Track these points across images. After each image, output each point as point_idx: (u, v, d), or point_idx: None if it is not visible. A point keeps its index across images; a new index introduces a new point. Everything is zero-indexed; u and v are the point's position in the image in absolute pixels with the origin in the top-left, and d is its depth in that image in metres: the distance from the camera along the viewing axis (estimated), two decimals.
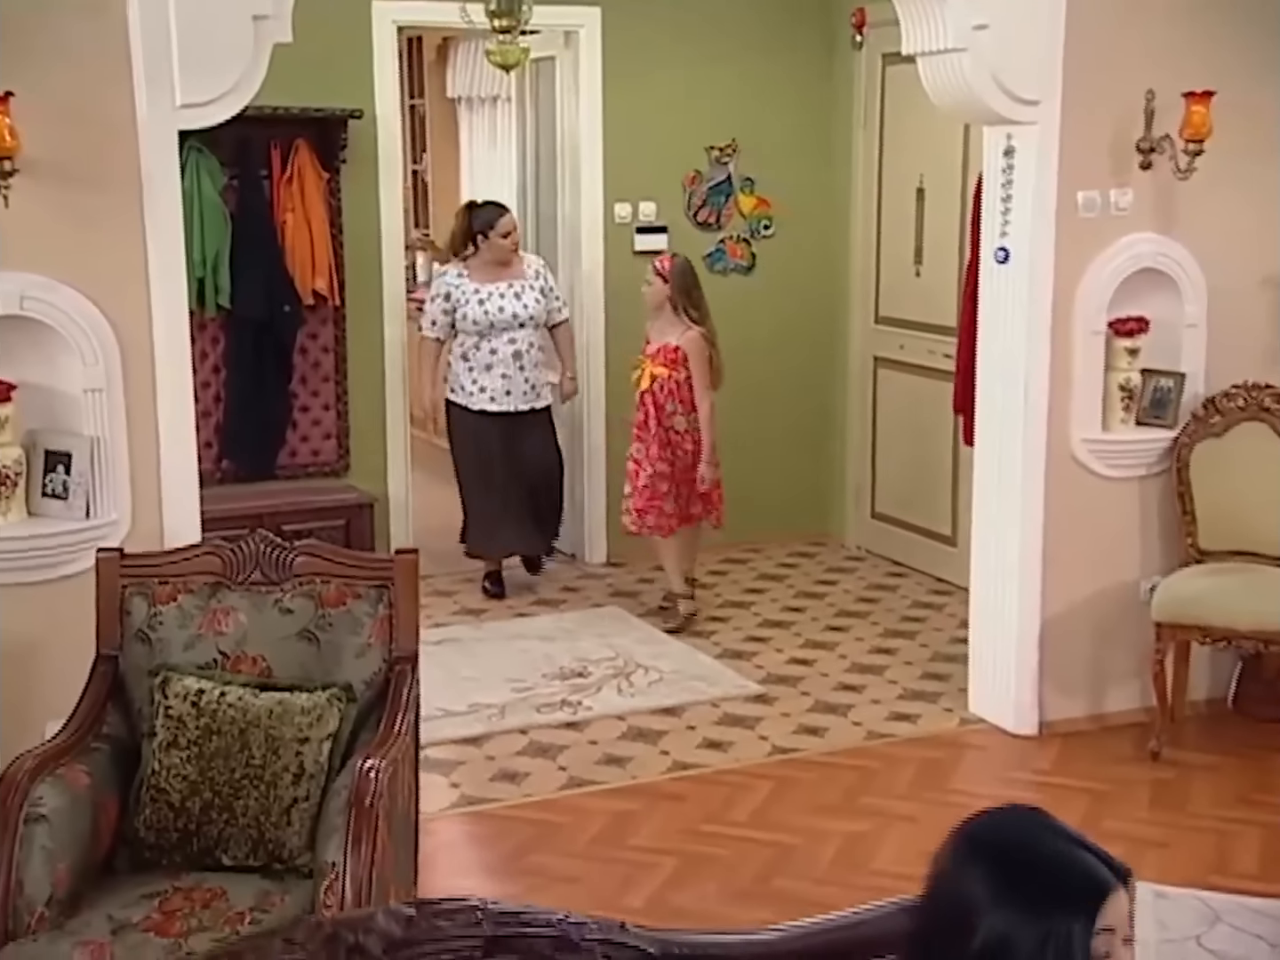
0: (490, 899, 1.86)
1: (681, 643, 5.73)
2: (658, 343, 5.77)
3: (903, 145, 6.48)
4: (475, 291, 6.04)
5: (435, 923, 1.80)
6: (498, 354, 6.06)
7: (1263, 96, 4.63)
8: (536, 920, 1.86)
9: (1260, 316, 4.81)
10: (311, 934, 1.76)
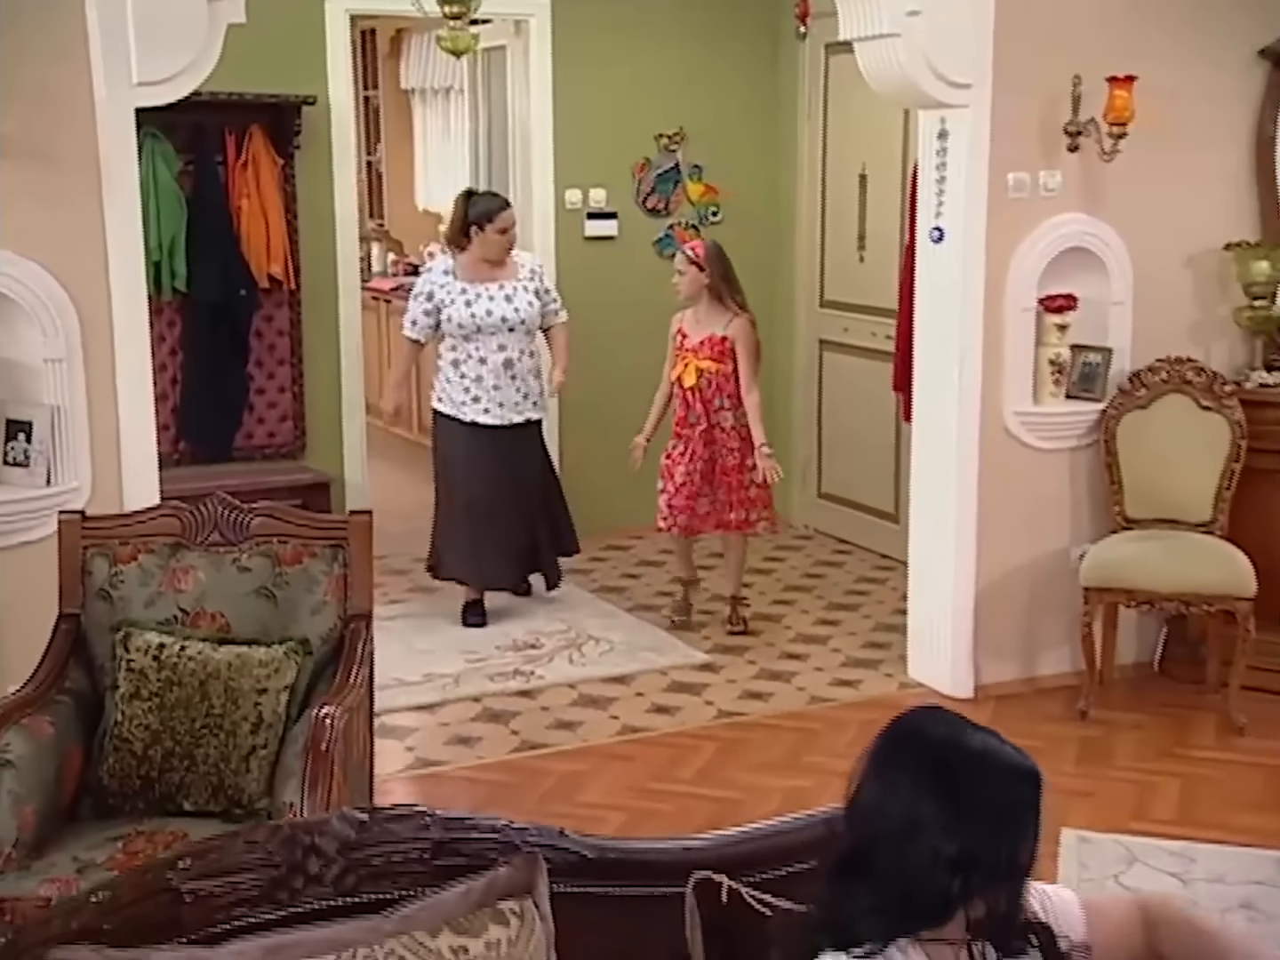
0: (438, 808, 2.00)
1: (632, 616, 5.87)
2: (700, 334, 5.40)
3: (846, 133, 6.64)
4: (462, 291, 5.48)
5: (386, 827, 1.93)
6: (487, 362, 5.49)
7: (1184, 80, 4.80)
8: (481, 826, 2.00)
9: (1183, 293, 5.00)
10: (271, 835, 1.89)
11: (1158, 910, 1.96)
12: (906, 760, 1.73)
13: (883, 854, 1.68)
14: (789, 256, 7.11)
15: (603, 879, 2.02)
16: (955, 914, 1.67)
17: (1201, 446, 4.81)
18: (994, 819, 1.67)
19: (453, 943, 1.77)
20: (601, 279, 6.85)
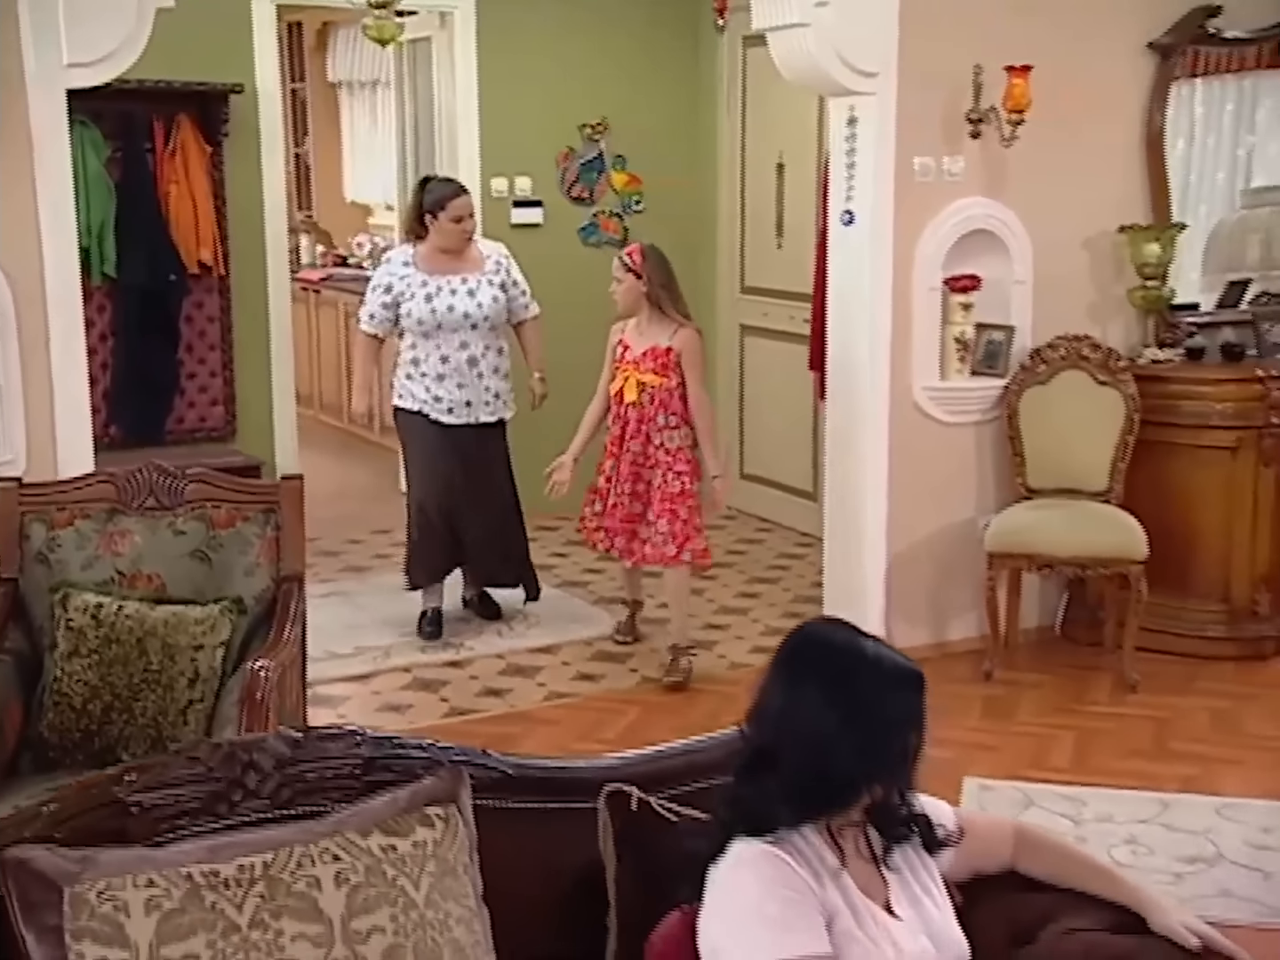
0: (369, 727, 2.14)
1: (559, 591, 6.02)
2: (643, 346, 4.93)
3: (763, 123, 6.83)
4: (423, 284, 5.09)
5: (320, 744, 2.06)
6: (450, 361, 5.11)
7: (1078, 70, 5.03)
8: (408, 744, 2.14)
9: (1080, 274, 5.23)
10: (211, 752, 2.01)
11: (1029, 831, 2.15)
12: (808, 665, 1.89)
13: (788, 750, 1.85)
14: (710, 244, 7.28)
15: (523, 794, 2.16)
16: (856, 801, 1.84)
17: (1098, 420, 5.04)
18: (886, 716, 1.84)
19: (382, 842, 1.91)
20: (527, 266, 6.90)
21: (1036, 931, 2.01)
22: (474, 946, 1.93)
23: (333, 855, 1.88)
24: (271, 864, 1.85)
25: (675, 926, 1.93)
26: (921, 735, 1.89)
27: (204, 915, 1.78)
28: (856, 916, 1.82)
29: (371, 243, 9.87)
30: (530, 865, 2.12)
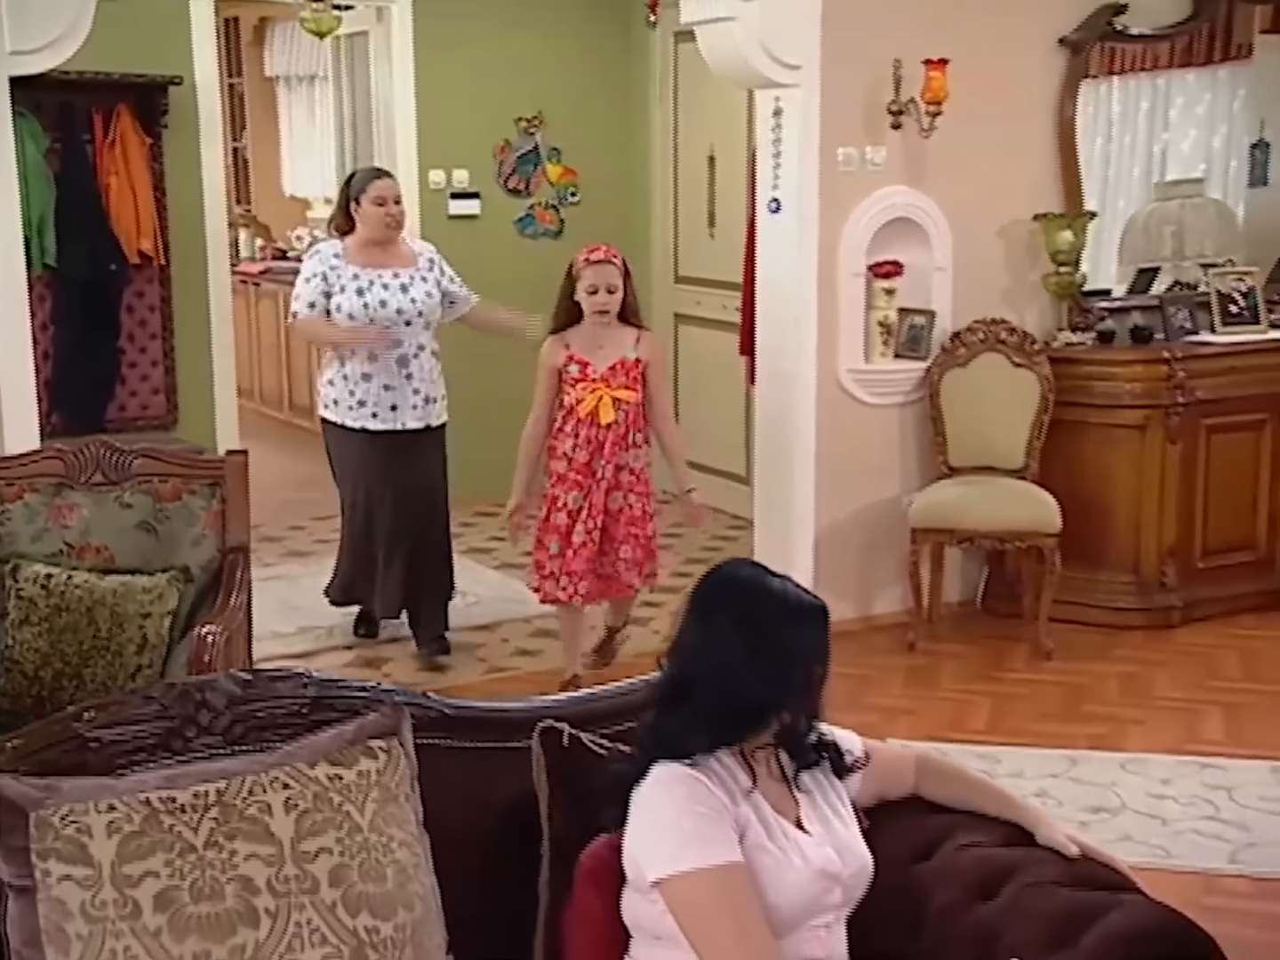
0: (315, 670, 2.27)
1: (498, 573, 6.15)
2: (608, 359, 4.50)
3: (695, 117, 6.99)
4: (354, 278, 4.73)
5: (269, 684, 2.19)
6: (378, 360, 4.74)
7: (994, 64, 5.23)
8: (352, 685, 2.27)
9: (997, 260, 5.43)
10: (166, 691, 2.14)
11: (930, 760, 2.31)
12: (720, 601, 2.04)
13: (703, 680, 1.99)
14: (644, 235, 7.43)
15: (461, 733, 2.30)
16: (766, 726, 1.99)
17: (1014, 400, 5.24)
18: (792, 647, 1.99)
19: (328, 772, 2.04)
20: (465, 256, 7.01)
21: (935, 848, 2.17)
22: (415, 868, 2.07)
23: (282, 783, 2.01)
24: (225, 791, 1.97)
25: (602, 848, 2.07)
26: (826, 665, 2.04)
27: (162, 837, 1.91)
28: (768, 830, 1.97)
29: (311, 236, 9.93)
30: (468, 797, 2.24)
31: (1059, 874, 2.07)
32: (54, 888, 1.85)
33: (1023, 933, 1.97)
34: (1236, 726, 4.42)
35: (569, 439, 4.55)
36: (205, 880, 1.90)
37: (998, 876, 2.08)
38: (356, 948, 1.95)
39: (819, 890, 1.97)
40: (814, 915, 1.97)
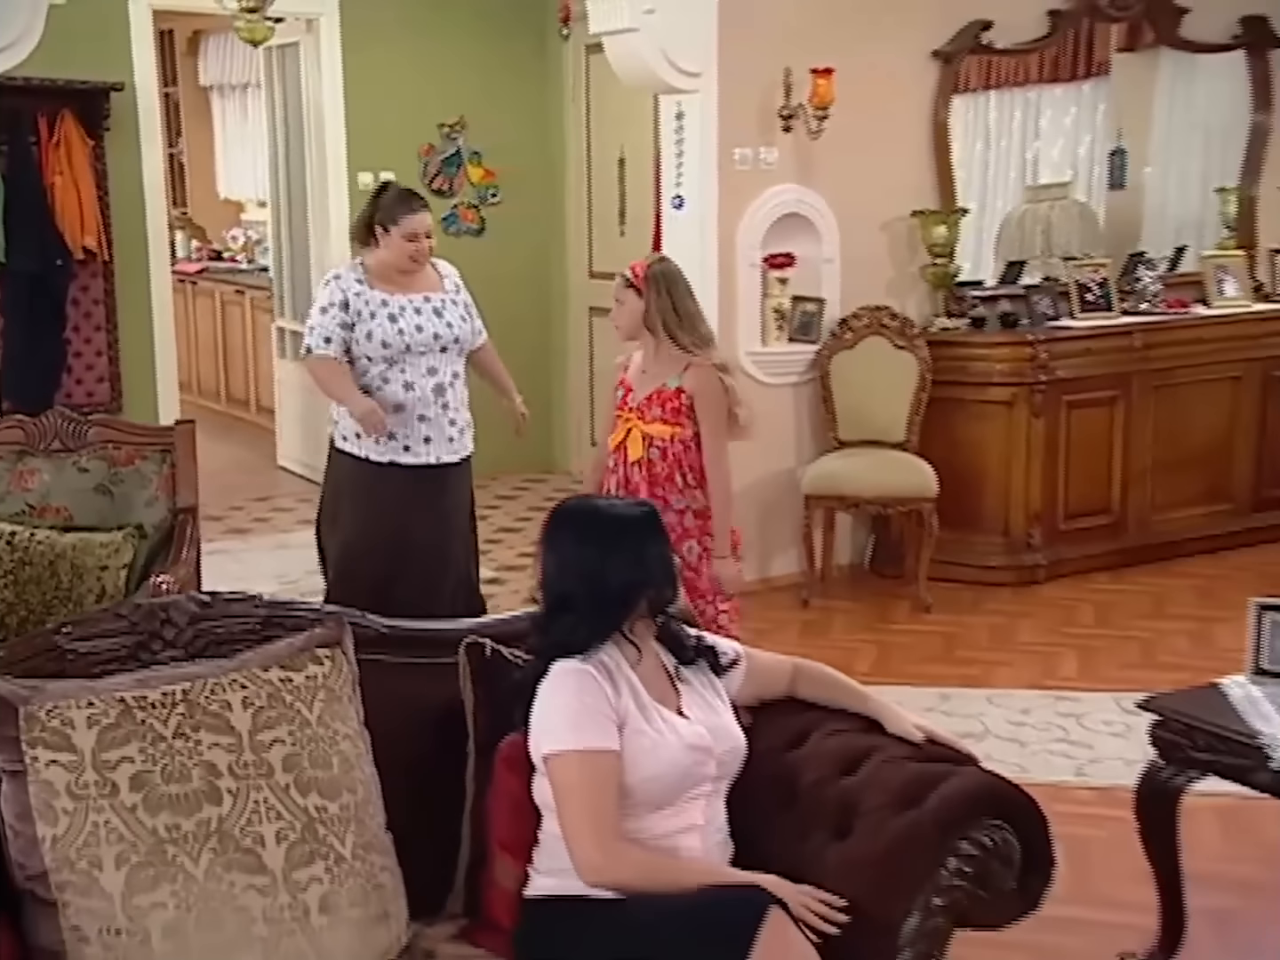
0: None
1: None
2: (646, 388, 3.82)
3: (606, 122, 7.21)
4: (383, 304, 4.09)
5: (226, 605, 2.38)
6: (415, 389, 4.11)
7: (874, 73, 5.48)
8: (299, 605, 2.47)
9: (880, 253, 5.70)
10: (134, 610, 2.32)
11: (803, 665, 2.56)
12: (563, 527, 2.32)
13: (572, 589, 2.25)
14: (560, 233, 7.64)
15: (397, 649, 2.50)
16: (635, 606, 2.23)
17: (896, 380, 5.52)
18: (633, 543, 2.25)
19: (280, 675, 2.24)
20: None
21: (805, 737, 2.41)
22: (358, 758, 2.27)
23: (240, 684, 2.21)
24: (190, 690, 2.17)
25: (518, 739, 2.30)
26: (668, 550, 2.30)
27: (135, 728, 2.10)
28: (646, 715, 2.21)
29: (245, 236, 10.04)
30: (404, 703, 2.44)
31: (908, 753, 2.33)
32: (42, 771, 2.03)
33: (878, 798, 2.22)
34: (1088, 665, 4.74)
35: (610, 474, 3.87)
36: (174, 765, 2.09)
37: (857, 757, 2.33)
38: (307, 823, 2.16)
39: (693, 762, 2.21)
40: (692, 785, 2.22)
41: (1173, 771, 2.85)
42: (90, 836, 2.01)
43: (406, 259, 4.15)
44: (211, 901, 2.05)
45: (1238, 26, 6.20)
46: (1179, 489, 5.89)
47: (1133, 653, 4.85)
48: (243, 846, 2.09)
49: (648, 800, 2.18)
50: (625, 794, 2.16)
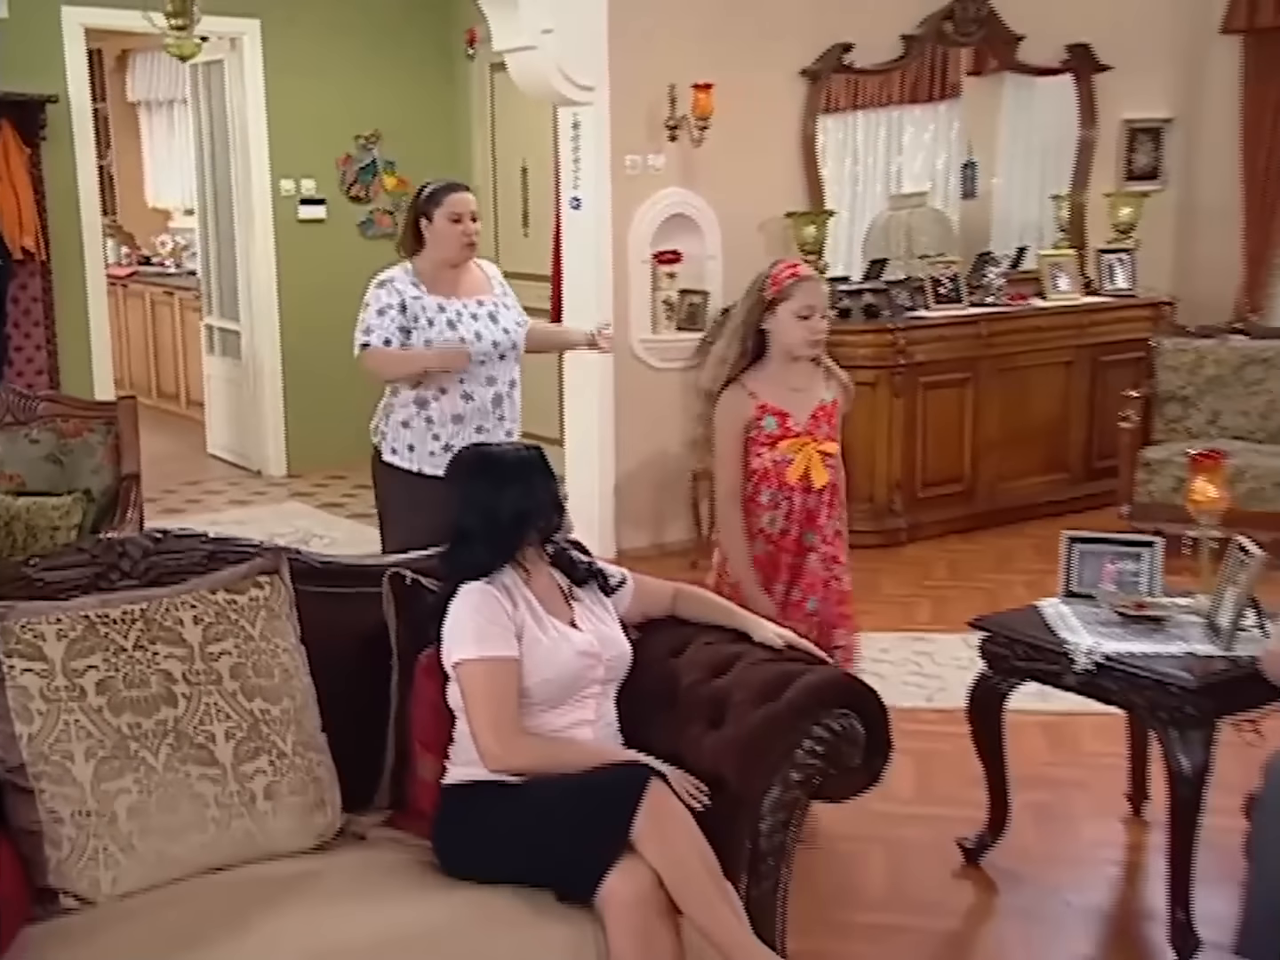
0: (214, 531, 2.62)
1: (350, 521, 6.45)
2: (807, 405, 3.21)
3: (509, 134, 7.36)
4: (440, 309, 3.66)
5: (176, 540, 2.53)
6: (474, 399, 3.69)
7: (751, 88, 5.69)
8: (241, 541, 2.62)
9: (758, 250, 5.86)
10: (95, 544, 2.47)
11: (683, 587, 2.76)
12: (458, 472, 2.51)
13: (472, 522, 2.44)
14: None
15: (329, 580, 2.65)
16: (528, 533, 2.42)
17: None
18: (522, 480, 2.44)
19: (226, 597, 2.40)
20: (313, 254, 7.38)
21: (685, 647, 2.62)
22: (296, 670, 2.44)
23: (190, 604, 2.36)
24: (147, 609, 2.32)
25: (433, 652, 2.48)
26: (554, 486, 2.48)
27: (99, 640, 2.25)
28: (541, 627, 2.40)
29: (173, 241, 10.03)
30: (336, 627, 2.58)
31: (771, 656, 2.55)
32: (18, 678, 2.17)
33: (744, 693, 2.44)
34: (940, 612, 5.02)
35: (767, 512, 3.20)
36: (135, 672, 2.25)
37: (727, 661, 2.54)
38: (253, 723, 2.32)
39: (583, 666, 2.41)
40: (583, 686, 2.42)
41: (998, 679, 3.11)
42: (62, 734, 2.16)
43: (456, 245, 3.66)
44: (169, 789, 2.21)
45: (1065, 53, 6.54)
46: (1021, 460, 6.21)
47: (979, 601, 5.12)
48: (196, 743, 2.26)
49: (546, 699, 2.38)
50: (526, 694, 2.36)
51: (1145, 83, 6.74)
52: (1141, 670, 2.79)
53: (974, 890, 3.15)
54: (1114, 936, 2.99)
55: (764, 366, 3.21)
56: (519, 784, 2.31)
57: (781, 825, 2.37)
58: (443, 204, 3.65)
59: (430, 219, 3.67)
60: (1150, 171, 6.93)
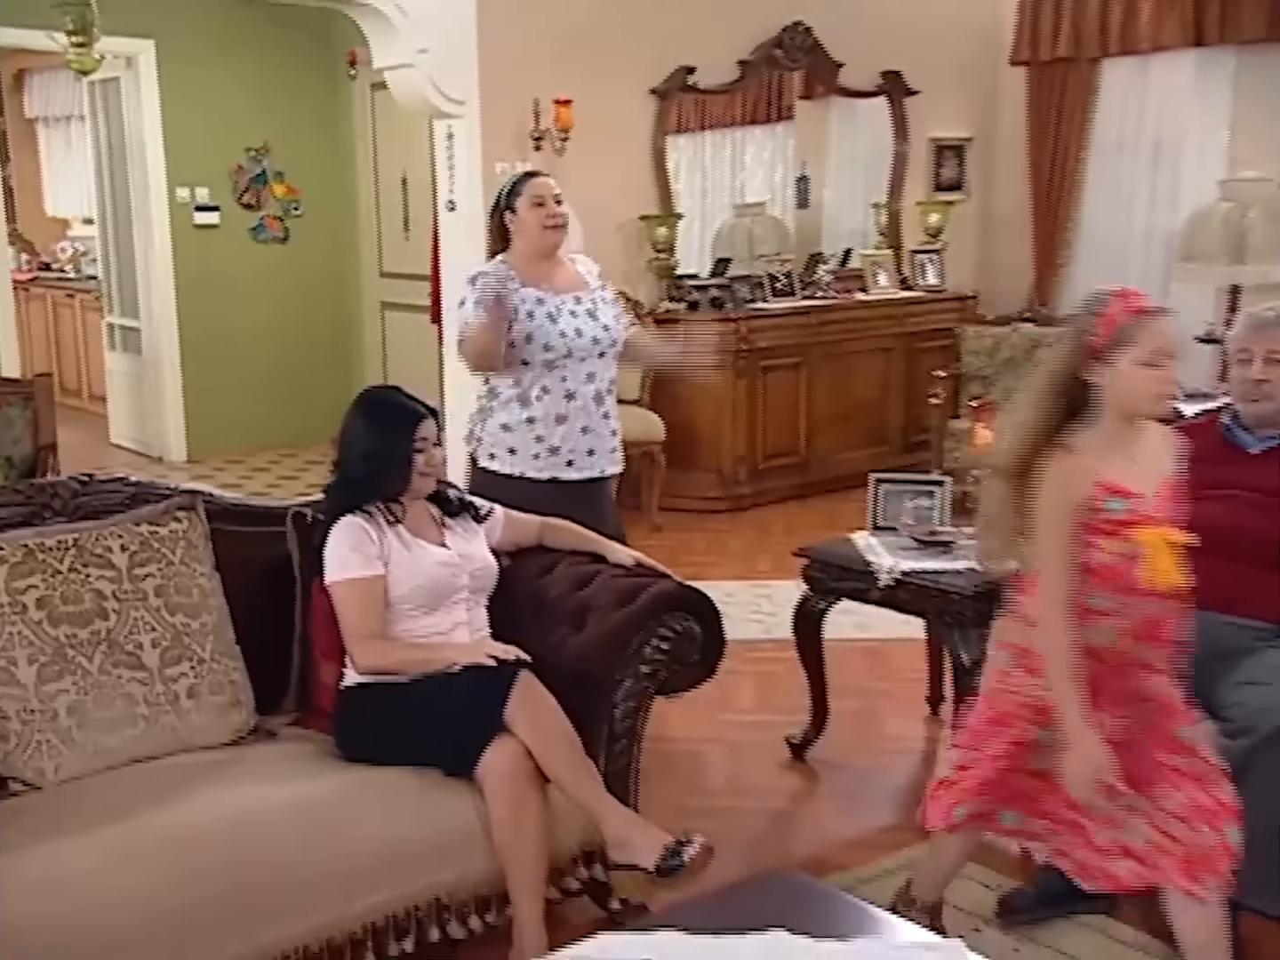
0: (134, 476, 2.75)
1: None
2: (1150, 484, 2.24)
3: (390, 147, 7.48)
4: (539, 301, 3.24)
5: (101, 484, 2.66)
6: (575, 398, 3.27)
7: (607, 104, 5.88)
8: (159, 486, 2.76)
9: (617, 249, 6.10)
10: (29, 486, 2.59)
11: (549, 520, 2.95)
12: (352, 409, 2.66)
13: (349, 459, 2.60)
14: (355, 239, 7.88)
15: (238, 520, 2.81)
16: (398, 473, 2.57)
17: None
18: (396, 413, 2.60)
19: (149, 529, 2.55)
20: (208, 256, 7.39)
21: (553, 568, 2.84)
22: (213, 591, 2.60)
23: (118, 535, 2.51)
24: (79, 539, 2.46)
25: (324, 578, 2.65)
26: (409, 445, 2.57)
27: (37, 565, 2.38)
28: (406, 546, 2.57)
29: (72, 248, 9.89)
30: (248, 559, 2.74)
31: (625, 573, 2.79)
32: None
33: (602, 601, 2.67)
34: (778, 564, 5.30)
35: (1105, 620, 2.21)
36: (70, 591, 2.39)
37: (588, 577, 2.77)
38: (175, 635, 2.48)
39: (446, 574, 2.58)
40: (451, 592, 2.59)
41: (817, 599, 3.42)
42: (7, 643, 2.30)
43: (542, 231, 3.29)
44: (104, 689, 2.36)
45: (880, 78, 6.92)
46: (848, 435, 6.57)
47: None
48: (126, 650, 2.41)
49: (420, 604, 2.55)
50: (402, 601, 2.54)
51: (948, 106, 7.17)
52: (931, 583, 3.12)
53: (799, 778, 3.45)
54: (910, 808, 3.30)
55: (1091, 432, 2.21)
56: (407, 682, 2.51)
57: (633, 711, 2.62)
58: (524, 192, 3.31)
59: (515, 210, 3.32)
60: (955, 183, 7.38)
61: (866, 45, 6.70)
